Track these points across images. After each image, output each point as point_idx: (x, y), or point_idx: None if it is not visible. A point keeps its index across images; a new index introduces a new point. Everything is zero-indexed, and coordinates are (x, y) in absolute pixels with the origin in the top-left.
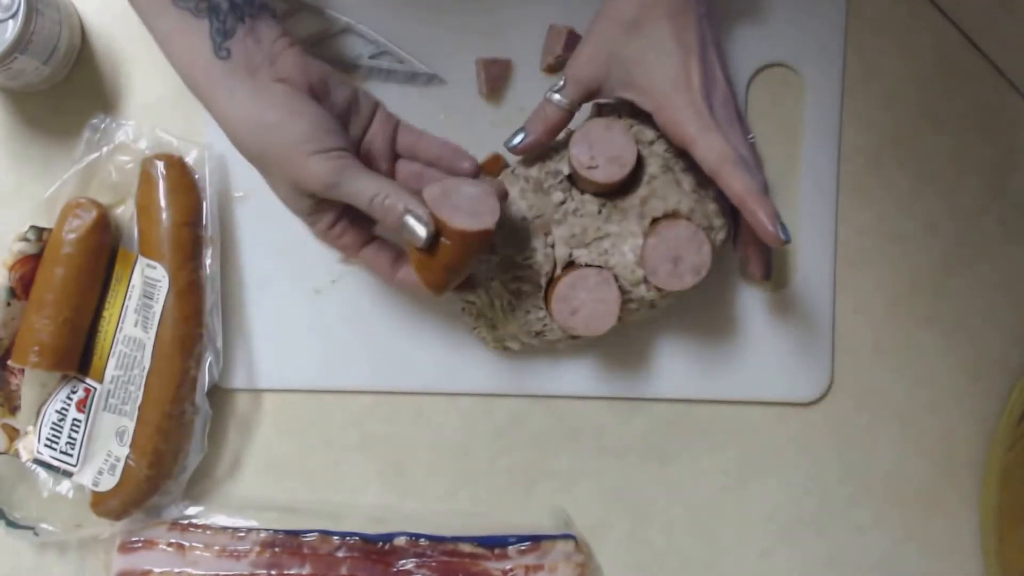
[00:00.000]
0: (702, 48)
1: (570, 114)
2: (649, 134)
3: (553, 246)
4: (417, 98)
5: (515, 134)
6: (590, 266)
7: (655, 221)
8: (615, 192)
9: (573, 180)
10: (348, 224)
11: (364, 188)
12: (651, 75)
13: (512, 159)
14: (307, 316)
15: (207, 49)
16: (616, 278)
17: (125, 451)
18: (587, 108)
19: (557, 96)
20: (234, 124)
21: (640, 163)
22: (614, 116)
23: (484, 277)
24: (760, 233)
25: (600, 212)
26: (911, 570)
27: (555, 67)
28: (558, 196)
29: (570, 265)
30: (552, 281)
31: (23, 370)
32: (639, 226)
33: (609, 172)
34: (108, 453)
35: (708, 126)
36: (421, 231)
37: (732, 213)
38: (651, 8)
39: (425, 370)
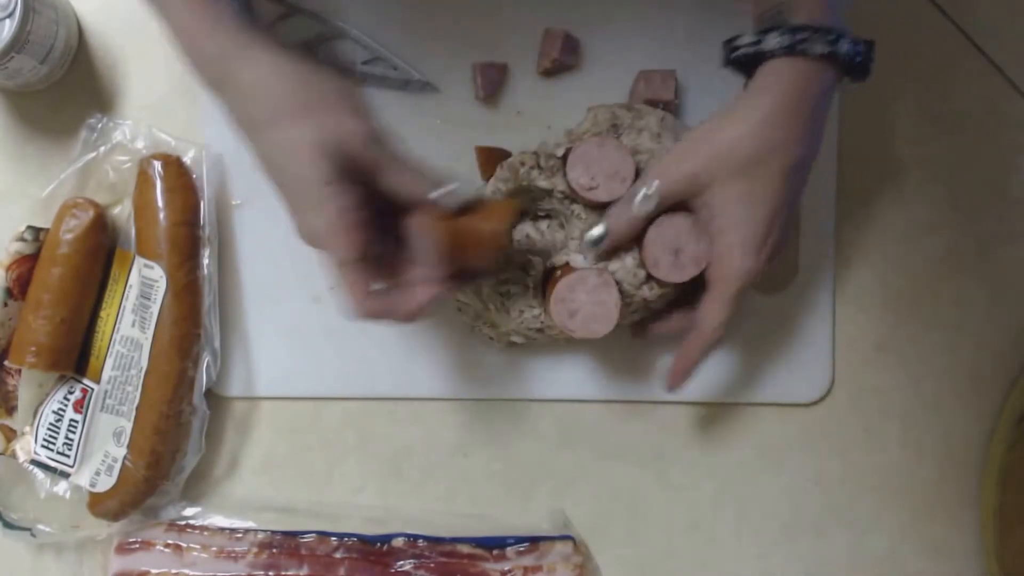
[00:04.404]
0: (786, 224)
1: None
2: (645, 142)
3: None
4: (412, 102)
5: (595, 228)
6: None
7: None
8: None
9: (573, 198)
10: (363, 218)
11: (399, 151)
12: (734, 230)
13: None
14: (306, 324)
15: (231, 21)
16: (618, 283)
17: (122, 452)
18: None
19: (642, 206)
20: (271, 80)
21: (638, 174)
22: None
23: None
24: (671, 375)
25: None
26: (911, 570)
27: (551, 70)
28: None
29: (567, 265)
30: (551, 280)
31: (20, 370)
32: None
33: (611, 190)
34: (105, 454)
35: (730, 298)
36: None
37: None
38: (770, 156)
39: (423, 377)
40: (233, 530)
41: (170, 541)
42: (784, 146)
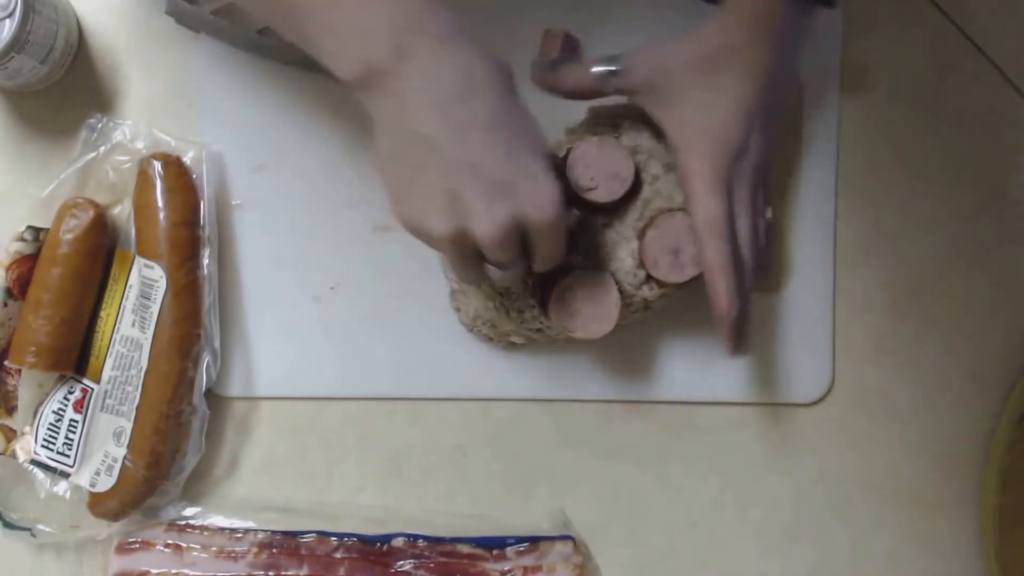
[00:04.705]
0: (764, 111)
1: (598, 92)
2: (645, 142)
3: None
4: None
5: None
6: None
7: (652, 216)
8: (616, 205)
9: (574, 202)
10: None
11: None
12: (693, 115)
13: None
14: (306, 324)
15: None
16: (618, 283)
17: (122, 452)
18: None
19: (603, 70)
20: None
21: (637, 174)
22: (607, 129)
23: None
24: (714, 304)
25: (600, 226)
26: (911, 570)
27: None
28: None
29: (567, 265)
30: (551, 281)
31: (20, 370)
32: (635, 230)
33: (611, 190)
34: (105, 454)
35: (714, 188)
36: None
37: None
38: (731, 54)
39: (423, 377)
40: (233, 530)
41: (170, 541)
42: (751, 45)
